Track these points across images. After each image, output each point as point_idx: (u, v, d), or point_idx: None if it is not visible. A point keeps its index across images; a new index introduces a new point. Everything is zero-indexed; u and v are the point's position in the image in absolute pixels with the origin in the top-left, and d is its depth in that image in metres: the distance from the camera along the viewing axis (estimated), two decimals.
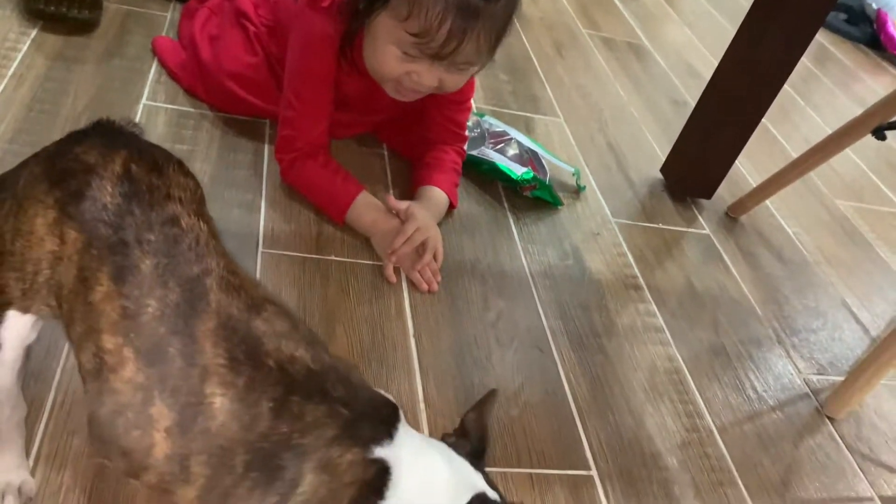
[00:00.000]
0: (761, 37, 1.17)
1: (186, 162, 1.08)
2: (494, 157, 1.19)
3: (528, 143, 1.25)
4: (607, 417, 0.88)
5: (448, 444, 0.59)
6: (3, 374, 0.57)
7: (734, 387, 0.99)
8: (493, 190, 1.18)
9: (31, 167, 0.56)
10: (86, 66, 1.15)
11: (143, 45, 1.24)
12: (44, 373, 0.56)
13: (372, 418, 0.53)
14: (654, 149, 1.43)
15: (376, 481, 0.51)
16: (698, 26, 2.10)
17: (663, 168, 1.35)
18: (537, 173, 1.19)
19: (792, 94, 1.85)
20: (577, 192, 1.24)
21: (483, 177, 1.19)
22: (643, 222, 1.23)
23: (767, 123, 1.61)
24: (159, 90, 1.15)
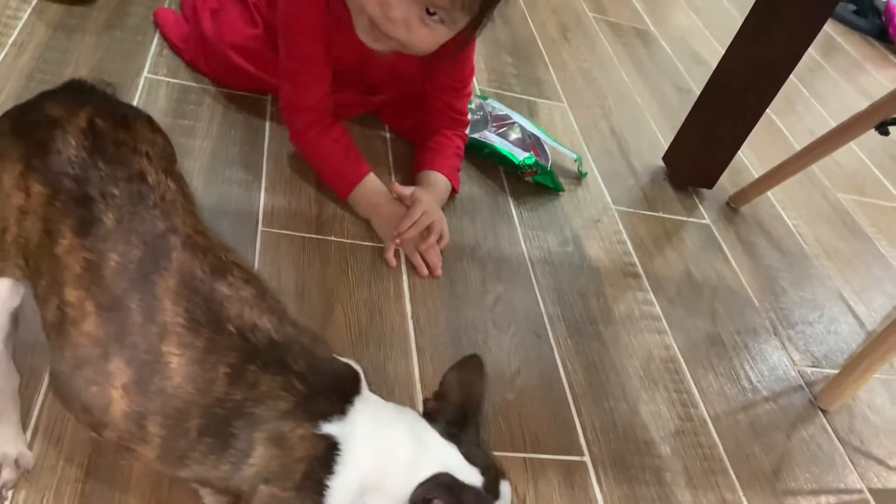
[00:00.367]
0: (769, 26, 1.16)
1: (187, 137, 1.08)
2: (496, 141, 1.19)
3: (530, 127, 1.25)
4: (602, 404, 0.89)
5: (427, 409, 0.58)
6: None
7: (729, 377, 0.99)
8: (495, 174, 1.18)
9: (0, 124, 0.56)
10: (87, 36, 1.14)
11: (145, 17, 1.23)
12: (40, 344, 0.56)
13: (328, 393, 0.52)
14: (658, 136, 1.43)
15: (326, 457, 0.51)
16: (705, 12, 2.08)
17: (665, 156, 1.35)
18: (539, 158, 1.18)
19: (797, 84, 1.84)
20: (579, 178, 1.24)
21: (485, 161, 1.18)
22: (644, 210, 1.23)
23: (771, 114, 1.60)
24: (161, 63, 1.14)
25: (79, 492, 0.63)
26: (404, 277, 0.95)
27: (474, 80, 1.35)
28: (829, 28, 2.28)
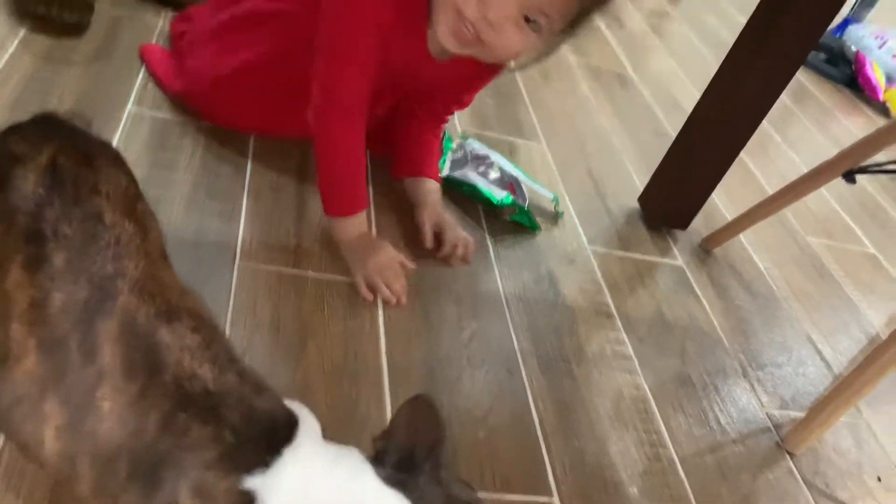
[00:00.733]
0: (743, 73, 1.20)
1: (168, 169, 1.09)
2: (476, 179, 1.21)
3: (509, 167, 1.27)
4: (572, 443, 0.89)
5: (376, 449, 0.55)
6: None
7: (698, 417, 1.00)
8: (473, 212, 1.20)
9: None
10: (73, 68, 1.16)
11: (132, 51, 1.25)
12: None
13: (257, 444, 0.51)
14: (634, 178, 1.46)
15: None
16: (683, 58, 2.14)
17: (641, 198, 1.38)
18: (517, 198, 1.21)
19: (770, 130, 1.89)
20: (556, 217, 1.26)
21: (464, 198, 1.20)
22: (618, 250, 1.26)
23: (745, 158, 1.64)
24: (145, 96, 1.16)
25: None
26: (380, 313, 0.96)
27: (456, 120, 1.38)
28: (801, 76, 2.36)
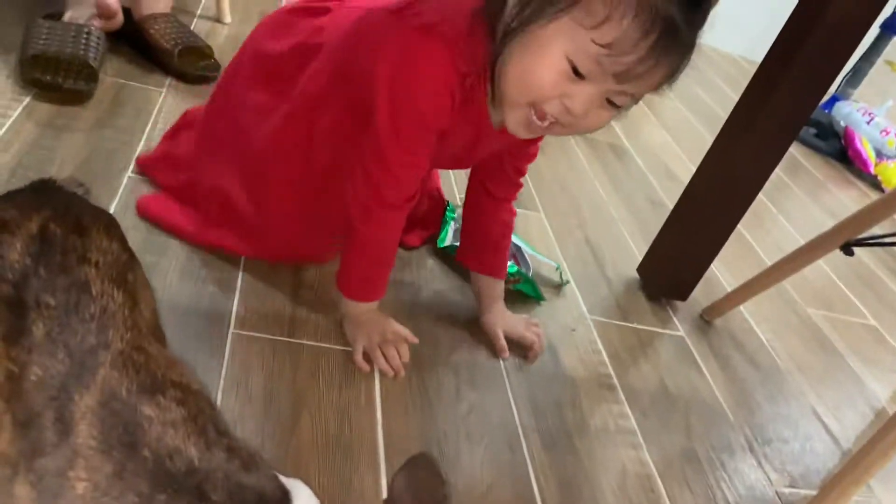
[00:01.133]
0: (737, 147, 1.21)
1: (165, 235, 1.08)
2: None
3: (511, 237, 1.27)
4: None
5: None
6: None
7: (705, 496, 0.97)
8: None
9: None
10: (75, 135, 1.16)
11: (135, 118, 1.26)
12: None
13: None
14: (632, 247, 1.46)
15: None
16: (676, 131, 2.18)
17: (640, 268, 1.37)
18: (521, 267, 1.20)
19: (766, 202, 1.91)
20: (559, 286, 1.25)
21: (465, 269, 1.19)
22: (618, 320, 1.24)
23: (742, 230, 1.65)
24: None
25: None
26: (376, 384, 0.94)
27: (455, 191, 1.39)
28: (793, 149, 2.40)
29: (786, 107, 1.15)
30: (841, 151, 2.48)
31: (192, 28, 1.53)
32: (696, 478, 0.99)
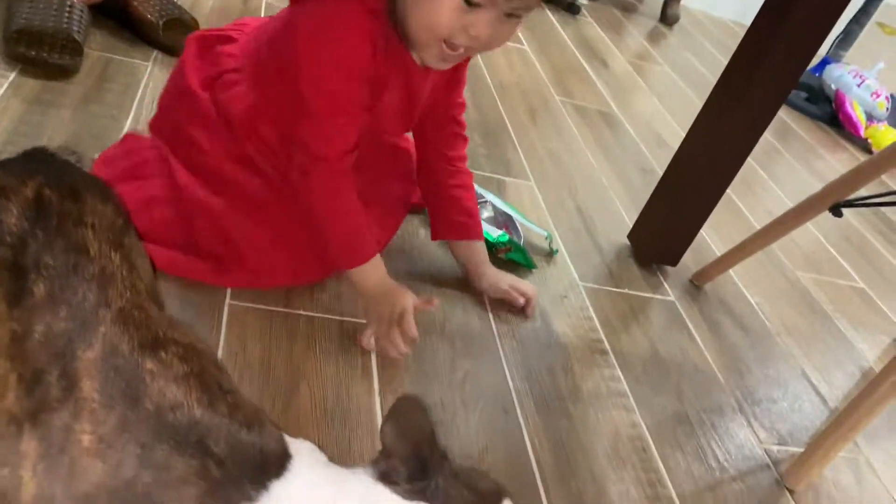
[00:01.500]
0: (726, 112, 1.22)
1: None
2: None
3: (502, 205, 1.27)
4: (569, 484, 0.87)
5: (380, 472, 0.54)
6: None
7: (696, 455, 0.99)
8: None
9: None
10: (62, 111, 1.16)
11: (122, 93, 1.25)
12: None
13: (242, 479, 0.49)
14: (622, 215, 1.47)
15: None
16: (666, 98, 2.18)
17: (630, 234, 1.39)
18: (512, 236, 1.21)
19: (755, 167, 1.92)
20: (550, 255, 1.26)
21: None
22: (610, 287, 1.25)
23: (731, 195, 1.66)
24: None
25: None
26: (373, 353, 0.95)
27: None
28: (783, 114, 2.40)
29: (776, 70, 1.15)
30: (832, 115, 2.48)
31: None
32: (687, 439, 1.01)
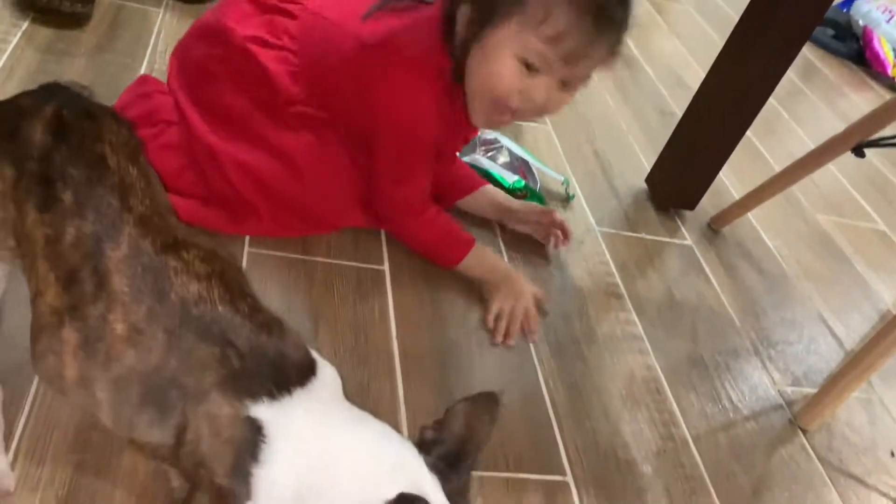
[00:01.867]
0: (748, 50, 1.19)
1: None
2: (486, 164, 1.20)
3: (518, 150, 1.27)
4: (584, 424, 0.89)
5: (422, 438, 0.54)
6: None
7: (710, 396, 1.00)
8: None
9: None
10: (76, 59, 1.16)
11: (135, 41, 1.24)
12: (25, 365, 0.56)
13: (265, 375, 0.51)
14: (640, 159, 1.45)
15: (252, 443, 0.49)
16: (687, 38, 2.12)
17: (648, 178, 1.37)
18: (528, 181, 1.20)
19: (777, 107, 1.88)
20: (566, 200, 1.26)
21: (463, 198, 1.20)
22: (626, 231, 1.25)
23: (752, 136, 1.63)
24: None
25: None
26: (389, 298, 0.96)
27: None
28: (808, 52, 2.33)
29: (799, 4, 1.11)
30: (858, 53, 2.40)
31: None
32: (701, 381, 1.02)
